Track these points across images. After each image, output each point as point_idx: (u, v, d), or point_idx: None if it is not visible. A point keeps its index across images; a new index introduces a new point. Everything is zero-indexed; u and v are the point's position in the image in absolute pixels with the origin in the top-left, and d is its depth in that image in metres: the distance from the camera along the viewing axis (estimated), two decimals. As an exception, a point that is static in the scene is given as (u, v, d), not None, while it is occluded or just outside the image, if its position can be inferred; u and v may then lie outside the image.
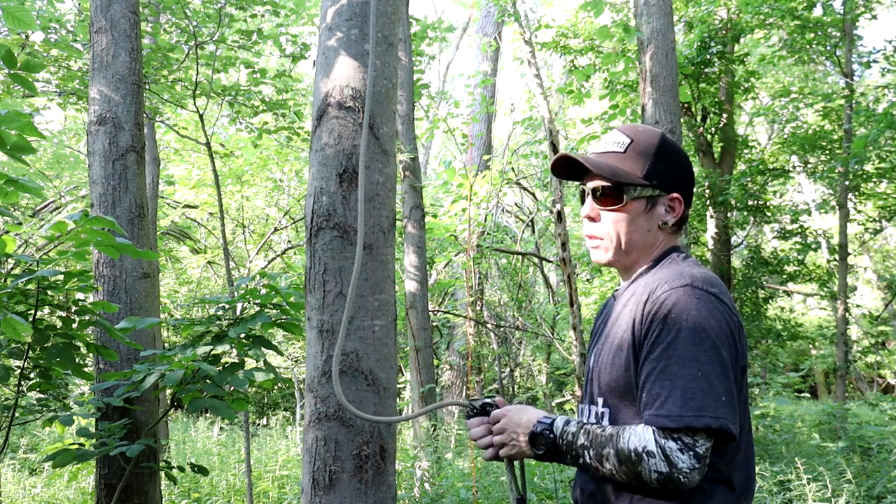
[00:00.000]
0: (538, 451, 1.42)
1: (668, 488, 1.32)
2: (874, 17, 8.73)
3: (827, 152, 9.26)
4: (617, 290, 1.61)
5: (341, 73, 2.05)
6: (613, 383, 1.44)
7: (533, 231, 12.84)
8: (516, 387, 12.86)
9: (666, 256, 1.53)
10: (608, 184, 1.51)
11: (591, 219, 1.55)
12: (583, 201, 1.59)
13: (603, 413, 1.48)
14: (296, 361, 12.82)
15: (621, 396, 1.42)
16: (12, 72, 2.80)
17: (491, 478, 5.69)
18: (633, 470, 1.31)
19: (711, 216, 8.94)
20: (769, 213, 9.37)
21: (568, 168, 1.58)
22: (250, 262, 9.78)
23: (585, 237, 1.58)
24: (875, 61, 8.60)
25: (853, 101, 8.38)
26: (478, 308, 10.69)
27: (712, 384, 1.29)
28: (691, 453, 1.28)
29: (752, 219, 9.33)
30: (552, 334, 11.63)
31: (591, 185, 1.54)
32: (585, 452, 1.37)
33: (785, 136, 10.11)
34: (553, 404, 11.43)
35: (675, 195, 1.52)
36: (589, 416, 1.53)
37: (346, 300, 1.91)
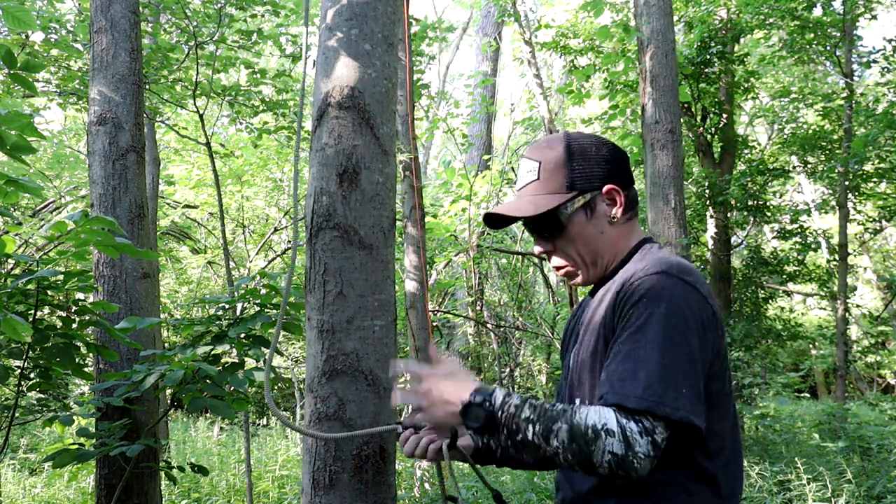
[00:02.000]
0: (472, 425, 1.27)
1: (637, 483, 1.27)
2: (874, 17, 8.74)
3: (827, 152, 9.26)
4: (591, 292, 1.59)
5: (341, 73, 2.06)
6: (593, 380, 1.39)
7: (533, 231, 12.81)
8: (516, 387, 12.86)
9: (639, 248, 1.50)
10: (540, 216, 1.47)
11: (548, 253, 1.53)
12: (533, 237, 1.57)
13: None
14: (296, 361, 12.83)
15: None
16: (12, 72, 2.80)
17: (491, 477, 5.70)
18: (585, 449, 1.20)
19: (711, 216, 8.94)
20: (769, 213, 9.38)
21: (499, 219, 1.55)
22: (250, 262, 9.78)
23: (553, 269, 1.56)
24: (875, 61, 8.61)
25: (853, 101, 8.38)
26: (478, 308, 10.69)
27: (676, 375, 1.24)
28: (649, 438, 1.20)
29: (752, 219, 9.33)
30: (552, 334, 11.63)
31: (529, 223, 1.52)
32: (530, 427, 1.24)
33: (785, 137, 10.11)
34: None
35: (608, 187, 1.47)
36: None
37: (347, 298, 1.91)
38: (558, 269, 1.53)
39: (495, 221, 1.56)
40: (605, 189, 1.47)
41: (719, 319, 1.38)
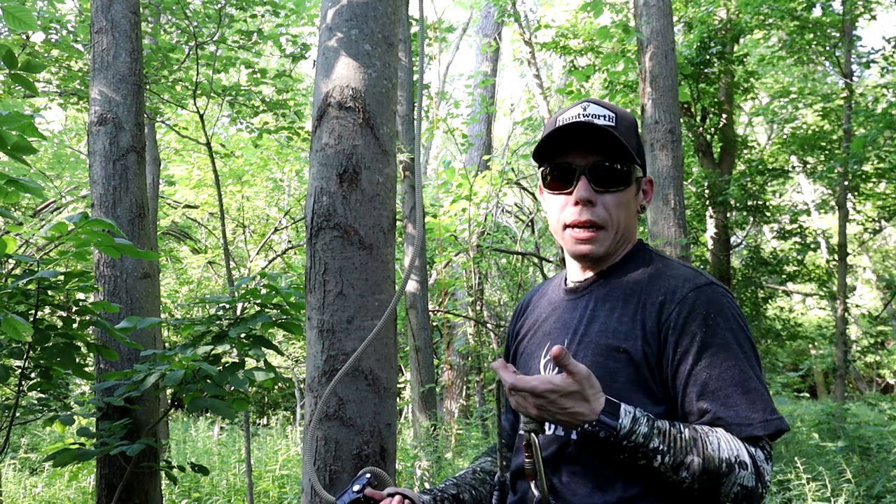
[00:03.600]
0: (590, 443, 1.17)
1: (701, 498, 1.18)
2: (873, 17, 8.74)
3: (826, 152, 9.27)
4: (569, 284, 1.40)
5: (341, 74, 2.06)
6: (609, 389, 1.20)
7: (533, 231, 12.85)
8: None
9: (639, 251, 1.36)
10: (618, 162, 1.29)
11: (589, 202, 1.29)
12: (557, 182, 1.32)
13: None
14: (296, 361, 12.83)
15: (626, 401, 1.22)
16: (13, 72, 2.80)
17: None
18: (716, 482, 1.15)
19: (711, 216, 8.95)
20: (768, 213, 9.39)
21: (557, 142, 1.32)
22: (250, 262, 9.79)
23: (574, 226, 1.31)
24: (874, 61, 8.62)
25: (852, 102, 8.39)
26: (478, 308, 10.69)
27: (767, 387, 1.23)
28: (771, 463, 1.20)
29: (752, 219, 9.34)
30: (552, 334, 11.62)
31: (586, 161, 1.29)
32: (658, 457, 1.14)
33: (784, 137, 10.12)
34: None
35: (648, 177, 1.38)
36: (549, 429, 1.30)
37: (348, 299, 1.91)
38: (585, 225, 1.30)
39: (558, 140, 1.32)
40: (647, 177, 1.38)
41: None
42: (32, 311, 2.72)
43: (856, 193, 9.06)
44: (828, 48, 8.78)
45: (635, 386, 1.23)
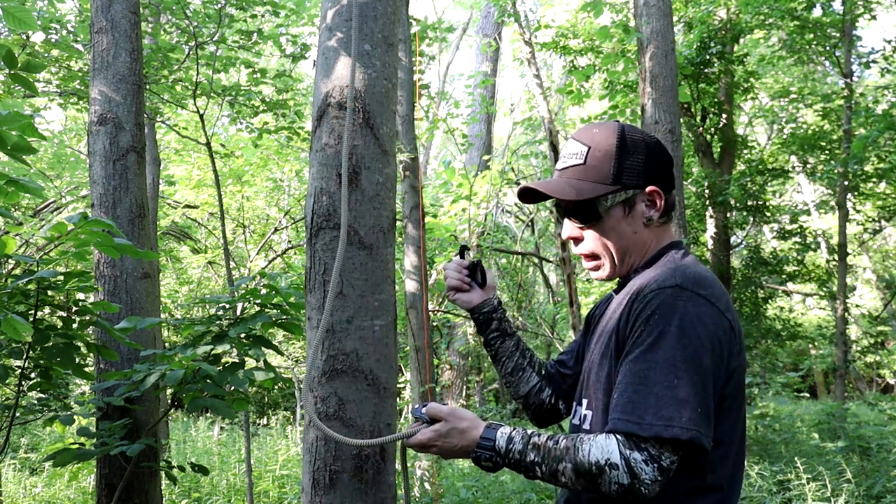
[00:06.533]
0: (484, 466, 1.35)
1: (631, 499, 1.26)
2: (873, 17, 8.74)
3: (826, 152, 9.27)
4: (615, 289, 1.55)
5: (341, 73, 2.06)
6: (599, 384, 1.39)
7: (533, 231, 12.85)
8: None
9: (664, 254, 1.44)
10: (578, 203, 1.43)
11: (575, 239, 1.48)
12: (561, 220, 1.51)
13: (585, 416, 1.42)
14: (296, 361, 12.83)
15: (607, 397, 1.36)
16: (13, 72, 2.80)
17: (491, 477, 5.70)
18: (592, 483, 1.25)
19: (711, 216, 8.94)
20: (768, 213, 9.39)
21: (535, 194, 1.50)
22: (250, 262, 9.79)
23: (581, 257, 1.50)
24: (874, 62, 8.62)
25: (852, 102, 8.38)
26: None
27: (688, 394, 1.22)
28: (656, 465, 1.22)
29: (752, 219, 9.34)
30: (552, 334, 11.64)
31: (566, 204, 1.46)
32: (537, 469, 1.30)
33: (784, 137, 10.12)
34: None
35: (651, 188, 1.42)
36: (574, 417, 1.47)
37: (346, 299, 1.91)
38: (584, 257, 1.49)
39: (528, 196, 1.51)
40: (648, 189, 1.42)
41: (738, 333, 1.33)
42: (32, 311, 2.72)
43: (856, 193, 9.06)
44: (828, 48, 8.78)
45: (613, 374, 1.35)
